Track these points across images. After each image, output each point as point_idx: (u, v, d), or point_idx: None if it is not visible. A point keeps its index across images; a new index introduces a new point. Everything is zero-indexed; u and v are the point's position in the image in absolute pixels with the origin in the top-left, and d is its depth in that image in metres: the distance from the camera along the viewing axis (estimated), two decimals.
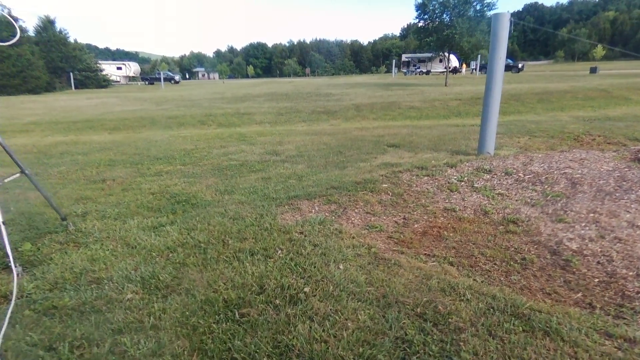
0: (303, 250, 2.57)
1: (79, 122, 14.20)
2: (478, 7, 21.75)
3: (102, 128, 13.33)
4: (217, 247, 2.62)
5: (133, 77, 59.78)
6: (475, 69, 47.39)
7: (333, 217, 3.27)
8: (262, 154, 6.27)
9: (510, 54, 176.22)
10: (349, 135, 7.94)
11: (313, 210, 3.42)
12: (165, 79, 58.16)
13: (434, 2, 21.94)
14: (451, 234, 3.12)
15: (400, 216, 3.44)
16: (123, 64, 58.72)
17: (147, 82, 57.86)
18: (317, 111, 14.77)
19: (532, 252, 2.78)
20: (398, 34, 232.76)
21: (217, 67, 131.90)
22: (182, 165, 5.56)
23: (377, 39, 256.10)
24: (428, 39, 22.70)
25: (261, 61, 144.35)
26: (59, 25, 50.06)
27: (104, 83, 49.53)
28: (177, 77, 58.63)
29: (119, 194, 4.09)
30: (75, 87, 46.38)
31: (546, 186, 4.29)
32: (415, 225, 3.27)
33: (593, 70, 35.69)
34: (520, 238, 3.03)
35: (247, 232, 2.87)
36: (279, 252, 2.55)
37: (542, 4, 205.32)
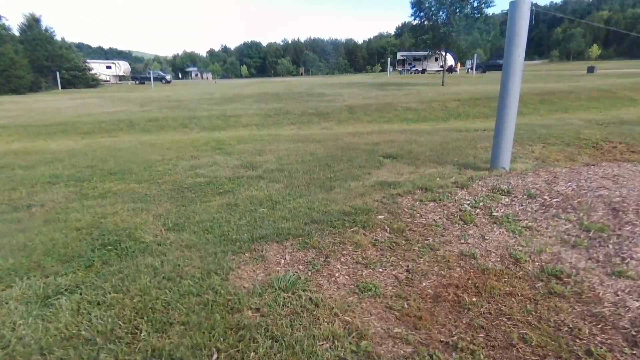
0: (253, 354, 1.64)
1: (52, 126, 13.18)
2: (475, 4, 20.96)
3: (75, 132, 12.33)
4: (119, 347, 1.66)
5: (123, 76, 58.50)
6: (472, 68, 46.67)
7: (309, 274, 2.35)
8: (237, 167, 5.34)
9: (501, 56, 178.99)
10: (339, 143, 7.03)
11: (282, 261, 2.50)
12: (156, 79, 56.96)
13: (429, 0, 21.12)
14: (474, 299, 2.22)
15: (402, 267, 2.53)
16: (113, 63, 57.38)
17: (137, 82, 56.61)
18: (308, 113, 13.84)
19: (598, 340, 1.87)
20: (393, 33, 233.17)
21: (209, 67, 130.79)
22: (136, 183, 4.61)
23: (372, 37, 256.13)
24: (424, 36, 21.88)
25: (255, 61, 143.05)
26: (45, 24, 48.74)
27: (92, 82, 48.24)
28: (168, 77, 57.43)
29: (35, 228, 3.13)
30: (63, 87, 45.06)
31: (581, 214, 3.39)
32: (424, 284, 2.36)
33: (590, 70, 35.06)
34: (572, 307, 2.13)
35: (178, 308, 1.94)
36: (214, 357, 1.61)
37: (535, 2, 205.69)
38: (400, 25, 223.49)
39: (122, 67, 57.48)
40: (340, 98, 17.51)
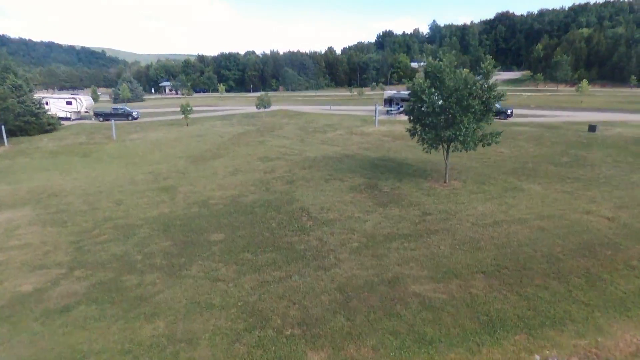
0: None
1: None
2: (484, 99, 17.87)
3: None
4: None
5: (86, 112, 53.59)
6: None
7: None
8: None
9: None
10: None
11: None
12: (122, 115, 52.48)
13: (427, 91, 17.90)
14: None
15: None
16: (74, 98, 52.24)
17: (101, 119, 51.83)
18: None
19: None
20: (374, 41, 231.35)
21: (182, 78, 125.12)
22: None
23: (352, 45, 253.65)
24: (425, 136, 18.74)
25: (234, 73, 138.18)
26: None
27: (48, 127, 43.25)
28: (135, 113, 52.78)
29: None
30: (13, 134, 40.01)
31: None
32: None
33: (592, 129, 32.64)
34: None
35: None
36: None
37: (513, 12, 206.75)
38: (381, 33, 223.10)
39: (84, 103, 52.40)
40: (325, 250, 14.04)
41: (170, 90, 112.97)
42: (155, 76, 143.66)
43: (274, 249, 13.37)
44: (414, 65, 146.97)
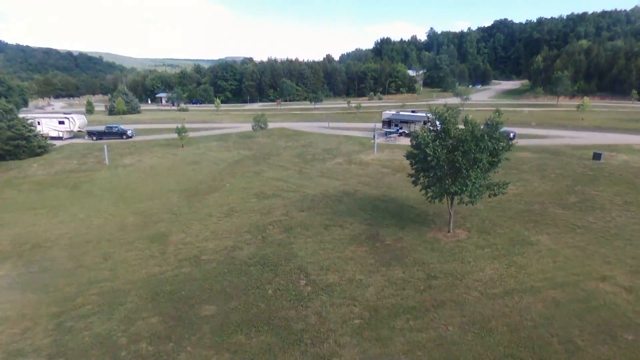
0: None
1: None
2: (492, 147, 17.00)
3: None
4: None
5: (79, 131, 52.67)
6: None
7: None
8: None
9: (482, 73, 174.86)
10: None
11: None
12: (116, 134, 51.64)
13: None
14: None
15: None
16: (66, 117, 51.23)
17: (94, 137, 50.88)
18: None
19: None
20: (372, 47, 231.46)
21: (177, 91, 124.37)
22: None
23: (350, 52, 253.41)
24: (429, 189, 17.90)
25: (231, 83, 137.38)
26: None
27: (39, 150, 42.18)
28: (129, 132, 51.87)
29: None
30: (2, 159, 39.07)
31: None
32: None
33: (597, 157, 31.89)
34: None
35: None
36: None
37: (511, 20, 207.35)
38: (379, 41, 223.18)
39: (77, 122, 51.36)
40: None
41: (166, 102, 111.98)
42: (152, 86, 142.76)
43: (269, 328, 12.41)
44: (412, 73, 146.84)
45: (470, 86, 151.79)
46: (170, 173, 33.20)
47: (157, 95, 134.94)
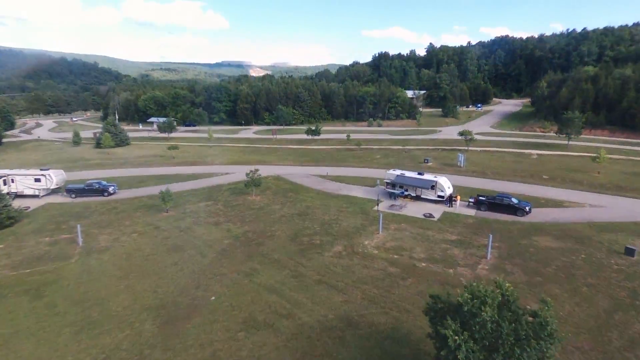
0: None
1: None
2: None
3: None
4: None
5: (57, 188, 48.71)
6: (476, 204, 39.54)
7: None
8: None
9: (482, 92, 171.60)
10: None
11: None
12: (96, 192, 47.65)
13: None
14: None
15: None
16: (43, 174, 47.25)
17: (73, 195, 46.93)
18: None
19: None
20: (370, 61, 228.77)
21: (170, 115, 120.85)
22: None
23: (349, 64, 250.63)
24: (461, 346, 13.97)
25: (225, 105, 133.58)
26: None
27: (8, 222, 37.97)
28: (111, 189, 47.96)
29: None
30: None
31: None
32: None
33: (629, 253, 28.26)
34: None
35: None
36: None
37: (512, 36, 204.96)
38: (377, 55, 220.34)
39: (54, 179, 47.29)
40: None
41: (157, 129, 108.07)
42: (144, 107, 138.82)
43: None
44: (410, 94, 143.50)
45: (470, 106, 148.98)
46: (149, 267, 29.25)
47: (148, 121, 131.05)
